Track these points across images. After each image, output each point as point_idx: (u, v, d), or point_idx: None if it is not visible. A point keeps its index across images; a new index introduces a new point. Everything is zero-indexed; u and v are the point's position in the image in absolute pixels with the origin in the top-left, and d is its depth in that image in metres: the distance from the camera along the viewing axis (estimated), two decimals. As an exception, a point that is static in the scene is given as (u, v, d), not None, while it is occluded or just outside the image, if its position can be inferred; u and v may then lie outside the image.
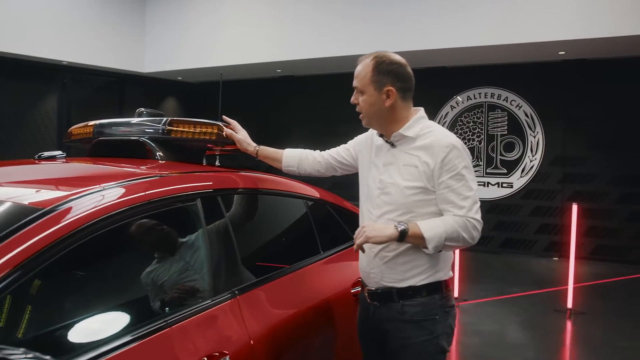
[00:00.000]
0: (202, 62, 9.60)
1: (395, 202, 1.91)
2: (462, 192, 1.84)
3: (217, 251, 1.86)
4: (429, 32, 7.64)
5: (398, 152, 1.94)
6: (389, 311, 1.92)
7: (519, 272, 7.40)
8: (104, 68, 9.81)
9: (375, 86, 1.92)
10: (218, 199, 1.97)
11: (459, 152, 1.86)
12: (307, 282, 2.20)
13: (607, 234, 8.05)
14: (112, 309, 1.54)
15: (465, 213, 1.82)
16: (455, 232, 1.81)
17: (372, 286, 1.98)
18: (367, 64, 1.94)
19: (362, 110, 1.98)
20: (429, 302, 1.89)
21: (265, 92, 10.90)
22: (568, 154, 8.32)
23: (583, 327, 5.09)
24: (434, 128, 1.94)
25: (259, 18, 9.08)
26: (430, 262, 1.90)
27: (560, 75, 8.29)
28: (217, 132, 2.32)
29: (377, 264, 1.94)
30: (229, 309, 1.76)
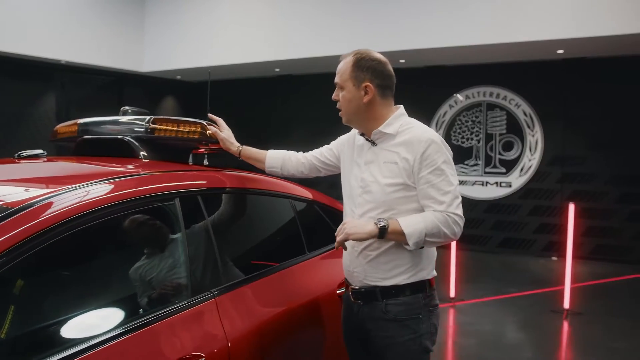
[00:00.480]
0: (201, 61, 9.58)
1: (376, 200, 1.89)
2: (442, 187, 1.82)
3: (195, 251, 1.83)
4: (427, 30, 7.60)
5: (379, 150, 1.93)
6: (373, 310, 1.91)
7: (517, 271, 7.36)
8: (103, 67, 9.80)
9: (353, 82, 1.93)
10: (198, 198, 1.95)
11: (438, 147, 1.85)
12: (290, 283, 2.17)
13: (606, 233, 8.00)
14: (81, 310, 1.51)
15: (446, 208, 1.81)
16: (436, 228, 1.79)
17: (355, 285, 1.97)
18: (348, 61, 1.96)
19: (341, 107, 2.00)
20: (413, 301, 1.88)
21: (264, 91, 10.88)
22: (567, 154, 8.28)
23: (580, 328, 5.05)
24: (414, 124, 1.94)
25: (258, 17, 9.06)
26: (413, 260, 1.89)
27: (560, 74, 8.24)
28: (200, 130, 2.30)
29: (360, 263, 1.93)
30: (206, 310, 1.73)
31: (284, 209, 2.48)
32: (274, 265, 2.20)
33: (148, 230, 1.77)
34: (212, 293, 1.79)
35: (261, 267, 2.12)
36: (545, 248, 8.33)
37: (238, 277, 1.97)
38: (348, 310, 2.03)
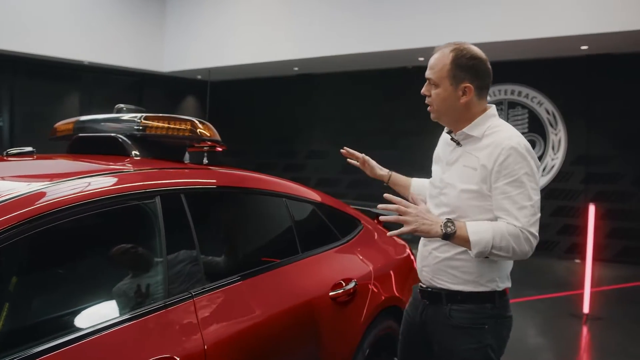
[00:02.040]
0: (220, 61, 9.63)
1: (451, 204, 1.82)
2: (519, 201, 1.69)
3: (174, 251, 1.79)
4: (447, 27, 7.47)
5: (462, 152, 1.83)
6: (437, 313, 1.86)
7: (539, 274, 7.16)
8: (125, 68, 9.94)
9: (451, 81, 1.80)
10: (181, 197, 1.91)
11: (521, 156, 1.71)
12: (278, 285, 2.11)
13: (632, 235, 7.74)
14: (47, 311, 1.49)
15: (522, 224, 1.68)
16: (505, 241, 1.67)
17: (424, 283, 1.93)
18: (446, 55, 1.80)
19: (432, 104, 1.86)
20: (479, 310, 1.80)
21: (283, 90, 10.88)
22: (591, 153, 8.03)
23: (599, 333, 4.88)
24: (501, 127, 1.80)
25: (276, 16, 9.05)
26: (484, 270, 1.79)
27: (583, 71, 8.00)
28: (190, 128, 2.26)
29: (429, 262, 1.89)
30: (183, 311, 1.69)
31: (277, 208, 2.42)
32: (262, 266, 2.14)
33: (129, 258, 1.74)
34: (191, 294, 1.75)
35: (249, 268, 2.07)
36: (568, 250, 8.10)
37: (221, 278, 1.92)
38: (414, 306, 1.99)
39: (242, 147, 11.57)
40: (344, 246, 2.69)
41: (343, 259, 2.62)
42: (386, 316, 2.74)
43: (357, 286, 2.47)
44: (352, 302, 2.44)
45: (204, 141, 2.32)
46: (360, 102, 10.00)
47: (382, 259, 2.93)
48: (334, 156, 10.18)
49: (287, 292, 2.14)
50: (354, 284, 2.46)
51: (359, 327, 2.46)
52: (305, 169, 10.75)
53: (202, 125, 2.31)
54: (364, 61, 8.96)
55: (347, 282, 2.43)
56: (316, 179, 10.57)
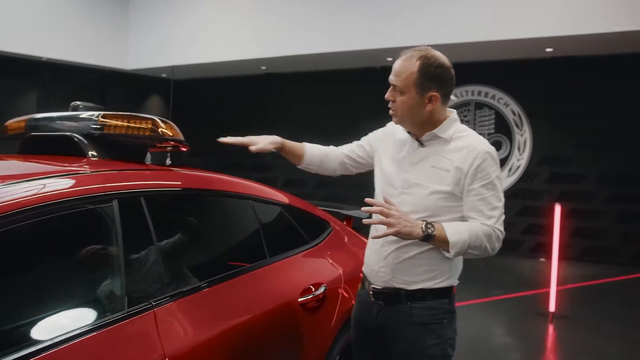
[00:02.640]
0: (186, 59, 9.42)
1: (418, 204, 1.82)
2: (492, 202, 1.78)
3: (133, 258, 1.68)
4: (415, 28, 7.48)
5: (428, 152, 1.85)
6: (396, 313, 1.86)
7: (505, 273, 7.25)
8: (86, 65, 9.62)
9: (418, 89, 1.79)
10: (140, 200, 1.79)
11: (494, 161, 1.80)
12: (244, 292, 2.01)
13: (595, 234, 7.91)
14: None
15: (493, 223, 1.77)
16: (479, 241, 1.75)
17: (378, 285, 1.91)
18: (412, 63, 1.79)
19: (396, 110, 1.85)
20: (438, 305, 1.85)
21: (250, 89, 10.73)
22: (556, 153, 8.17)
23: (565, 332, 4.93)
24: (469, 132, 1.87)
25: (244, 14, 8.91)
26: (445, 267, 1.85)
27: (548, 73, 8.14)
28: (151, 127, 2.14)
29: (388, 263, 1.87)
30: (142, 323, 1.58)
31: (243, 211, 2.32)
32: (227, 272, 2.04)
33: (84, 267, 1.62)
34: (151, 304, 1.64)
35: (214, 275, 1.97)
36: (533, 249, 8.22)
37: (184, 285, 1.82)
38: (365, 310, 1.96)
39: (208, 147, 11.35)
40: (312, 249, 2.61)
41: (312, 263, 2.54)
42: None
43: (326, 291, 2.39)
44: (322, 308, 2.36)
45: (167, 141, 2.20)
46: (328, 102, 9.94)
47: (352, 262, 2.85)
48: (302, 156, 10.08)
49: (254, 300, 2.04)
50: (324, 289, 2.38)
51: (329, 333, 2.39)
52: (273, 169, 10.63)
53: (164, 124, 2.20)
54: (332, 61, 8.91)
55: (316, 287, 2.35)
56: (283, 179, 10.47)
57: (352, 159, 2.13)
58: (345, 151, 2.15)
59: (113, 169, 1.90)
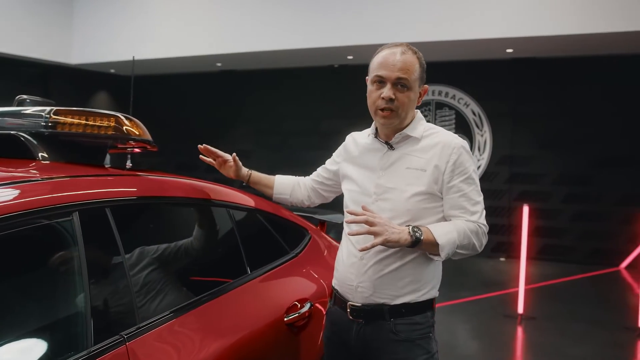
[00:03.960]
0: (134, 54, 8.91)
1: (397, 209, 1.71)
2: (473, 197, 1.71)
3: (99, 282, 1.40)
4: (376, 26, 7.34)
5: (398, 155, 1.77)
6: (379, 331, 1.73)
7: (467, 274, 7.22)
8: (26, 58, 8.98)
9: (419, 83, 1.76)
10: (106, 211, 1.51)
11: (469, 155, 1.74)
12: (226, 314, 1.76)
13: (553, 233, 8.02)
14: None
15: (477, 219, 1.70)
16: (467, 238, 1.67)
17: (357, 302, 1.75)
18: (414, 58, 1.74)
19: (399, 108, 1.72)
20: (423, 320, 1.75)
21: (205, 87, 10.34)
22: (515, 154, 8.24)
23: (534, 333, 4.89)
24: (438, 129, 1.81)
25: (198, 8, 8.54)
26: (428, 277, 1.75)
27: (509, 74, 8.19)
28: (114, 125, 1.85)
29: (369, 278, 1.73)
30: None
31: (220, 220, 2.07)
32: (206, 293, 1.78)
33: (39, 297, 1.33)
34: (123, 337, 1.37)
35: (192, 296, 1.70)
36: (494, 249, 8.26)
37: (160, 312, 1.55)
38: (341, 329, 1.79)
39: (159, 147, 10.87)
40: (294, 261, 2.38)
41: (295, 276, 2.31)
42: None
43: (312, 307, 2.17)
44: (309, 326, 2.14)
45: (133, 141, 1.92)
46: (286, 101, 9.69)
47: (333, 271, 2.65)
48: (259, 156, 9.80)
49: (239, 322, 1.79)
50: (310, 306, 2.16)
51: (316, 353, 2.16)
52: (229, 169, 10.28)
53: (129, 122, 1.92)
54: (290, 58, 8.67)
55: (302, 304, 2.12)
56: (239, 181, 10.13)
57: (320, 182, 2.08)
58: (313, 177, 2.11)
59: (70, 174, 1.61)
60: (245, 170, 2.11)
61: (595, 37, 6.59)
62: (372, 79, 1.75)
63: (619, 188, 7.71)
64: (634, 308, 5.17)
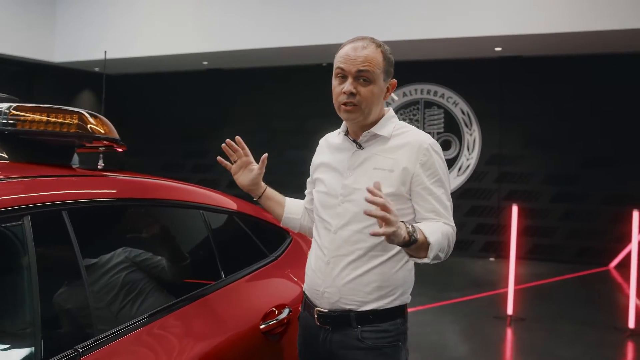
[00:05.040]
0: (119, 52, 8.78)
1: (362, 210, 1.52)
2: (443, 200, 1.63)
3: (52, 292, 1.30)
4: (364, 24, 7.25)
5: (367, 154, 1.68)
6: (346, 338, 1.65)
7: (456, 274, 7.15)
8: (8, 56, 8.80)
9: (384, 77, 1.67)
10: (63, 215, 1.40)
11: (439, 156, 1.66)
12: (196, 323, 1.66)
13: (542, 233, 7.98)
14: None
15: (448, 220, 1.62)
16: (447, 242, 1.57)
17: (324, 307, 1.68)
18: (376, 51, 1.65)
19: (362, 103, 1.63)
20: (392, 327, 1.66)
21: (191, 86, 10.21)
22: (504, 153, 8.19)
23: (524, 335, 4.83)
24: (409, 128, 1.71)
25: (184, 4, 8.40)
26: (398, 282, 1.66)
27: (497, 72, 8.14)
28: (77, 122, 1.74)
29: (336, 283, 1.65)
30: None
31: (192, 223, 1.96)
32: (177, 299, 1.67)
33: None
34: (77, 351, 1.26)
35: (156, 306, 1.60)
36: (483, 249, 8.21)
37: (123, 323, 1.44)
38: (310, 336, 1.73)
39: (145, 147, 10.74)
40: (272, 264, 2.27)
41: (273, 280, 2.21)
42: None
43: (291, 313, 2.07)
44: (287, 333, 2.04)
45: (98, 139, 1.81)
46: (274, 100, 9.57)
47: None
48: (247, 156, 9.66)
49: (208, 332, 1.69)
50: (288, 312, 2.06)
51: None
52: (215, 169, 10.15)
53: (95, 120, 1.81)
54: (278, 57, 8.56)
55: (280, 310, 2.02)
56: (227, 180, 9.99)
57: (309, 201, 1.92)
58: (306, 204, 1.96)
59: (26, 175, 1.50)
60: (262, 183, 1.95)
61: (584, 35, 6.55)
62: (334, 72, 1.68)
63: (608, 187, 7.69)
64: (623, 308, 5.12)
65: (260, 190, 1.92)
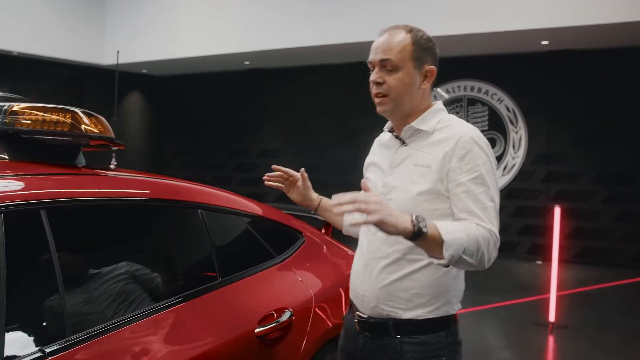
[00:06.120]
0: (166, 54, 9.00)
1: (402, 209, 1.44)
2: (482, 200, 1.46)
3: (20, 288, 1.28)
4: (404, 20, 7.06)
5: (409, 150, 1.59)
6: (384, 348, 1.57)
7: (500, 277, 6.89)
8: (60, 60, 9.18)
9: (415, 63, 1.55)
10: (40, 214, 1.39)
11: (482, 150, 1.50)
12: (178, 329, 1.61)
13: (593, 235, 7.57)
14: None
15: (489, 226, 1.43)
16: (476, 245, 1.38)
17: (364, 312, 1.61)
18: (404, 36, 1.56)
19: (390, 92, 1.55)
20: (433, 340, 1.54)
21: (234, 85, 10.31)
22: (552, 151, 7.83)
23: (565, 344, 4.57)
24: (454, 121, 1.59)
25: (226, 5, 8.50)
26: (439, 291, 1.54)
27: (544, 67, 7.79)
28: (70, 121, 1.74)
29: (373, 287, 1.57)
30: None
31: (188, 222, 1.93)
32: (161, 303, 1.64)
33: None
34: (43, 352, 1.24)
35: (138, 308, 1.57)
36: (529, 251, 7.88)
37: (100, 323, 1.42)
38: (350, 339, 1.67)
39: (190, 147, 10.95)
40: (278, 266, 2.22)
41: (277, 282, 2.15)
42: (334, 347, 2.29)
43: (293, 317, 2.01)
44: (287, 337, 1.97)
45: (91, 138, 1.81)
46: (313, 99, 9.54)
47: (330, 278, 2.48)
48: (286, 155, 9.69)
49: (192, 338, 1.64)
50: (289, 315, 1.99)
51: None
52: (257, 169, 10.22)
53: (89, 119, 1.81)
54: (318, 55, 8.52)
55: (279, 314, 1.96)
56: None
57: None
58: None
59: (10, 173, 1.50)
60: (315, 195, 1.91)
61: (636, 25, 6.15)
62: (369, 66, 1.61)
63: (667, 187, 7.21)
64: (678, 318, 4.77)
65: (315, 203, 1.90)
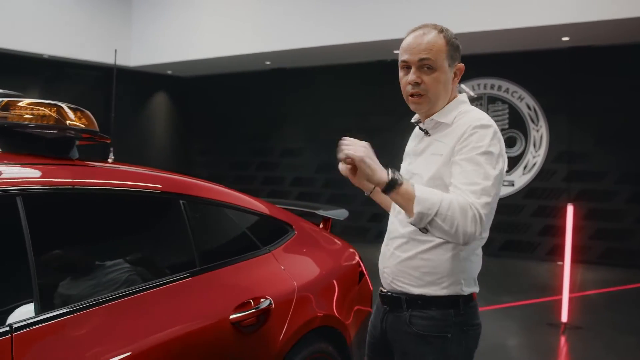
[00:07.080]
0: (189, 55, 9.19)
1: None
2: (472, 177, 1.50)
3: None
4: (425, 18, 7.02)
5: (430, 140, 1.70)
6: (397, 320, 1.70)
7: (518, 277, 6.81)
8: (89, 62, 9.47)
9: (449, 62, 1.65)
10: (16, 200, 1.49)
11: (487, 132, 1.55)
12: (150, 312, 1.69)
13: (616, 236, 7.39)
14: None
15: (471, 199, 1.47)
16: (451, 211, 1.45)
17: (384, 287, 1.78)
18: (437, 36, 1.63)
19: (428, 92, 1.64)
20: (442, 317, 1.63)
21: (256, 85, 10.44)
22: (574, 150, 7.68)
23: (577, 345, 4.50)
24: (471, 110, 1.67)
25: (247, 6, 8.63)
26: (447, 271, 1.62)
27: (565, 64, 7.65)
28: (55, 116, 1.85)
29: (390, 264, 1.73)
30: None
31: (168, 211, 2.01)
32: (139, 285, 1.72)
33: None
34: (10, 327, 1.33)
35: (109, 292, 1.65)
36: (550, 252, 7.75)
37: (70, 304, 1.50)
38: (377, 313, 1.82)
39: (214, 146, 11.14)
40: (263, 257, 2.28)
41: (258, 272, 2.21)
42: (317, 338, 2.34)
43: (272, 305, 2.06)
44: (265, 325, 2.03)
45: (75, 131, 1.91)
46: (335, 98, 9.58)
47: (318, 270, 2.53)
48: (308, 154, 9.77)
49: (163, 322, 1.70)
50: (268, 303, 2.05)
51: (270, 354, 2.05)
52: (279, 167, 10.33)
53: (74, 113, 1.91)
54: (340, 54, 8.56)
55: (257, 302, 2.02)
56: (291, 178, 10.16)
57: None
58: None
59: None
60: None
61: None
62: (399, 65, 1.68)
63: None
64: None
65: (370, 185, 1.87)
